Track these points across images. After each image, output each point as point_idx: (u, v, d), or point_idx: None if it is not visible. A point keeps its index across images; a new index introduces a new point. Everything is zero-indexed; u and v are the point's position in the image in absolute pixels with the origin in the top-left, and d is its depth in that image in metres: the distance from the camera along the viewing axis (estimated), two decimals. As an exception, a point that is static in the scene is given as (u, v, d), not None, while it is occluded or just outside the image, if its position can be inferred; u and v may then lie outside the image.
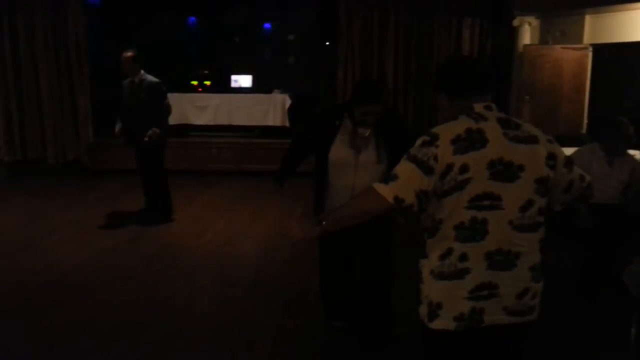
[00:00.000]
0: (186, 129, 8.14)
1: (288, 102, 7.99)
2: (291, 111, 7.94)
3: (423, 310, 1.65)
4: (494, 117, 1.59)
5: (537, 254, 1.63)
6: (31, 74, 7.56)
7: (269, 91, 8.32)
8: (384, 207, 1.57)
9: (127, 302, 3.53)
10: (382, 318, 3.03)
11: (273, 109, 8.02)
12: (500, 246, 1.56)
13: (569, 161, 1.68)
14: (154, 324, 3.21)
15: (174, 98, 8.00)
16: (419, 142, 1.58)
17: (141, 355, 2.88)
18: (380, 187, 1.56)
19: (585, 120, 7.17)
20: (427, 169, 1.52)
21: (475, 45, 6.89)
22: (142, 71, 5.07)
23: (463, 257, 1.56)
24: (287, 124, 7.94)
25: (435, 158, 1.52)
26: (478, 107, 1.60)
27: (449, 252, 1.58)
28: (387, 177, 1.59)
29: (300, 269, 4.12)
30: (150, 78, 5.07)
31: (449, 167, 1.52)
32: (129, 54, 4.97)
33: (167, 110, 5.35)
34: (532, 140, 1.59)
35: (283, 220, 5.47)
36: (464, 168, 1.52)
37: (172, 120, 7.95)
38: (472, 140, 1.53)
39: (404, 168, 1.56)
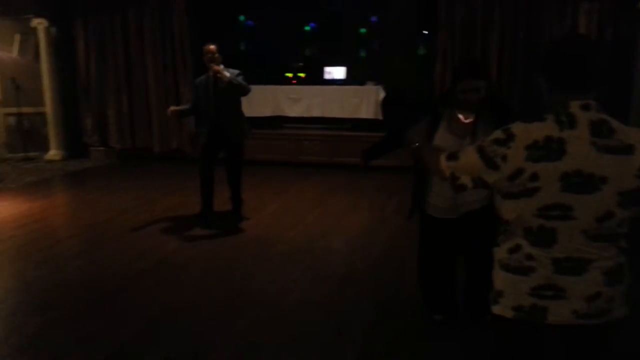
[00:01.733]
0: (280, 121, 8.27)
1: (381, 94, 7.80)
2: (385, 104, 7.73)
3: (491, 294, 1.72)
4: (587, 121, 1.49)
5: (614, 260, 1.57)
6: (140, 68, 8.09)
7: (362, 83, 8.18)
8: (442, 176, 1.71)
9: (220, 290, 3.61)
10: (480, 306, 2.89)
11: (366, 102, 7.88)
12: (569, 254, 1.54)
13: None
14: (245, 315, 3.24)
15: (268, 90, 8.24)
16: (493, 136, 1.58)
17: (232, 346, 2.91)
18: (442, 160, 1.69)
19: None
20: (491, 164, 1.55)
21: (592, 33, 6.22)
22: (222, 65, 4.91)
23: (529, 257, 1.58)
24: (380, 117, 7.75)
25: (504, 158, 1.53)
26: (574, 106, 1.50)
27: (517, 248, 1.60)
28: (453, 154, 1.68)
29: (392, 268, 3.98)
30: (232, 70, 4.94)
31: (519, 171, 1.51)
32: (213, 46, 4.88)
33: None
34: (625, 150, 1.49)
35: (375, 215, 5.35)
36: (534, 176, 1.50)
37: (267, 111, 8.22)
38: (548, 150, 1.49)
39: (469, 155, 1.62)
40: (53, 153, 8.43)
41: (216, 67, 4.79)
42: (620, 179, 1.48)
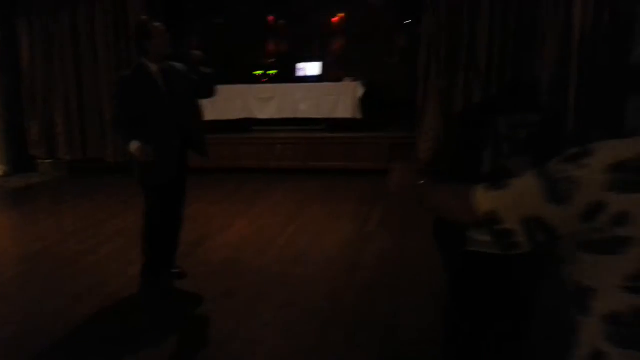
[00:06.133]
0: (249, 124, 7.55)
1: (361, 91, 7.17)
2: (363, 102, 7.12)
3: None
4: None
5: None
6: (91, 72, 7.30)
7: (338, 79, 7.52)
8: (470, 219, 1.12)
9: (171, 345, 2.89)
10: None
11: (343, 100, 7.21)
12: None
13: None
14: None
15: (236, 90, 7.51)
16: (564, 155, 1.03)
17: None
18: (479, 192, 1.11)
19: None
20: (555, 194, 0.99)
21: (588, 21, 5.68)
22: None
23: None
24: (359, 116, 7.13)
25: (575, 184, 0.97)
26: None
27: (597, 356, 0.98)
28: (496, 183, 1.10)
29: (384, 296, 3.33)
30: (178, 64, 3.41)
31: (599, 206, 0.95)
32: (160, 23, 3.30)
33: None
34: None
35: (357, 230, 4.69)
36: (623, 217, 0.93)
37: (234, 114, 7.48)
38: None
39: (524, 179, 1.06)
40: (-6, 168, 7.53)
41: (197, 53, 3.39)
42: None
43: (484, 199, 1.09)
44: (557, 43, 5.69)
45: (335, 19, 8.48)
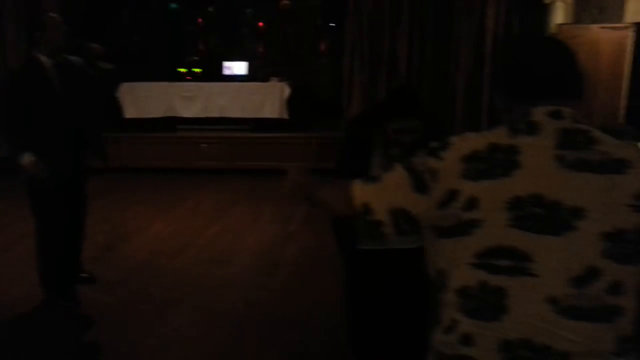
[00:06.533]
0: (173, 122, 7.32)
1: (287, 91, 7.15)
2: (290, 102, 7.11)
3: None
4: (554, 130, 1.05)
5: (608, 358, 1.00)
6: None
7: (265, 79, 7.47)
8: (349, 211, 1.17)
9: (84, 349, 2.73)
10: None
11: (270, 100, 7.16)
12: (528, 336, 0.99)
13: None
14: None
15: (158, 88, 7.26)
16: (426, 148, 1.13)
17: None
18: (357, 186, 1.18)
19: (622, 111, 6.32)
20: (419, 184, 1.09)
21: (500, 25, 6.00)
22: None
23: (467, 340, 1.04)
24: (285, 117, 7.11)
25: (435, 174, 1.07)
26: (538, 113, 1.06)
27: (452, 325, 1.07)
28: (373, 176, 1.20)
29: (301, 296, 3.34)
30: (75, 58, 3.12)
31: (452, 194, 1.05)
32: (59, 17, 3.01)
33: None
34: (614, 167, 1.01)
35: (281, 229, 4.66)
36: (472, 203, 1.03)
37: (157, 112, 7.23)
38: (492, 163, 1.03)
39: (394, 172, 1.15)
40: None
41: (95, 47, 3.13)
42: (605, 212, 0.99)
43: (359, 192, 1.16)
44: (471, 49, 5.98)
45: (260, 24, 8.43)
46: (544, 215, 1.00)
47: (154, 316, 3.09)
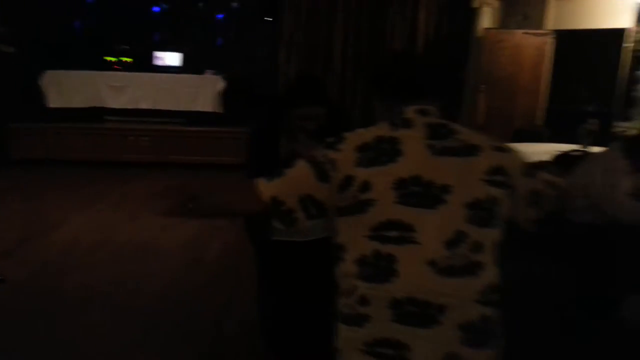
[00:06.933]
0: (101, 113, 7.01)
1: (221, 85, 7.03)
2: (225, 96, 7.00)
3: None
4: (423, 124, 1.29)
5: (475, 308, 1.22)
6: None
7: (199, 72, 7.31)
8: (259, 207, 1.31)
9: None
10: None
11: (203, 93, 7.02)
12: (413, 294, 1.21)
13: (531, 167, 1.37)
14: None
15: (83, 76, 6.93)
16: (325, 143, 1.32)
17: None
18: (262, 184, 1.31)
19: (542, 113, 6.66)
20: (321, 174, 1.27)
21: (431, 27, 6.17)
22: None
23: (363, 301, 1.24)
24: (219, 110, 6.99)
25: (333, 164, 1.27)
26: (409, 111, 1.31)
27: (352, 289, 1.27)
28: (275, 172, 1.33)
29: (218, 291, 3.29)
30: None
31: (349, 180, 1.25)
32: None
33: None
34: (469, 151, 1.27)
35: (206, 224, 4.58)
36: (366, 186, 1.24)
37: (83, 102, 6.90)
38: (379, 152, 1.25)
39: (297, 167, 1.32)
40: None
41: None
42: (466, 187, 1.24)
43: (266, 188, 1.30)
44: (404, 44, 6.13)
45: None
46: (422, 193, 1.22)
47: (62, 315, 2.95)
